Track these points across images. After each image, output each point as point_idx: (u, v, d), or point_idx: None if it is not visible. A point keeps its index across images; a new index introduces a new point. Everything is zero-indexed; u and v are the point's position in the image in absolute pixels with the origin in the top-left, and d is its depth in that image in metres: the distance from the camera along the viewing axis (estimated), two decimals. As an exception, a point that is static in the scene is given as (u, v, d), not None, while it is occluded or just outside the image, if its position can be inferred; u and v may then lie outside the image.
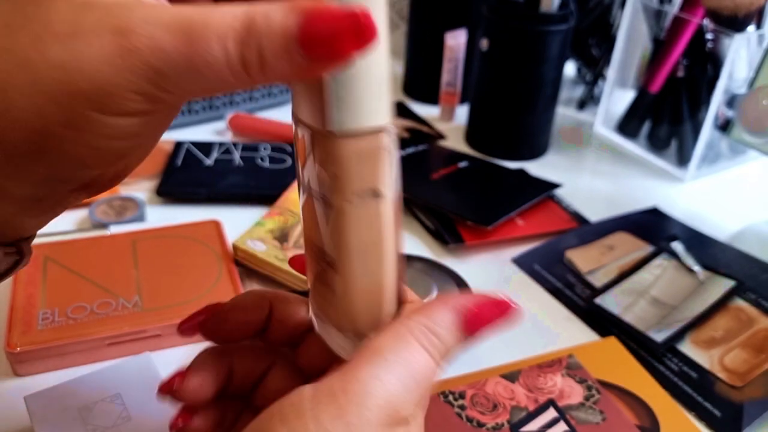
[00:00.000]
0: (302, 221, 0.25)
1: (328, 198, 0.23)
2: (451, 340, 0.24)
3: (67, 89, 0.18)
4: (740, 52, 0.58)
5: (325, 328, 0.26)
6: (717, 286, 0.49)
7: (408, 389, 0.22)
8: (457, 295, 0.25)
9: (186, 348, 0.42)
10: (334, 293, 0.24)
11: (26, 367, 0.39)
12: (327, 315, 0.26)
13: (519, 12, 0.61)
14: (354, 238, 0.23)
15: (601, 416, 0.36)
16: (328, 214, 0.23)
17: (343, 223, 0.23)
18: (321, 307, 0.26)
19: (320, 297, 0.26)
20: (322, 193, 0.23)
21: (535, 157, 0.67)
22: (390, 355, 0.22)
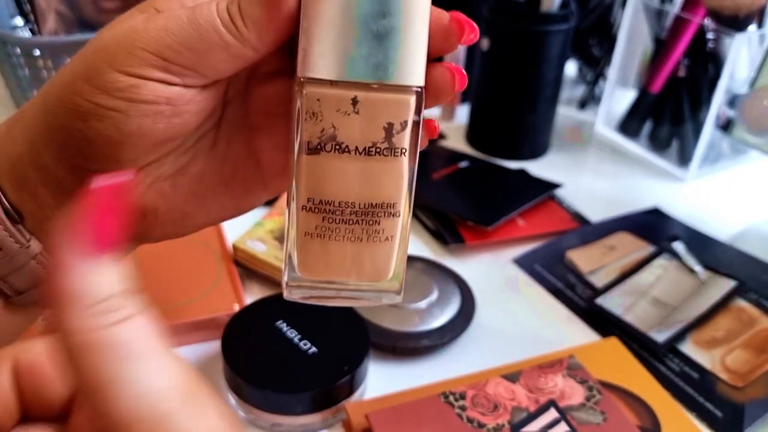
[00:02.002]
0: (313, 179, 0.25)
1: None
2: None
3: (95, 49, 0.24)
4: (741, 51, 0.58)
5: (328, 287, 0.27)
6: (718, 286, 0.49)
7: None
8: None
9: (185, 349, 0.42)
10: (381, 242, 0.26)
11: (26, 367, 0.39)
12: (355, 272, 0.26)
13: (520, 12, 0.60)
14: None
15: (602, 417, 0.36)
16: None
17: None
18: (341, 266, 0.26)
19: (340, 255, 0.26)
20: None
21: (536, 157, 0.67)
22: None
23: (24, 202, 0.26)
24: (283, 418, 0.36)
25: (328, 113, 0.24)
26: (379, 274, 0.26)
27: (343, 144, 0.24)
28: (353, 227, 0.25)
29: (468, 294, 0.46)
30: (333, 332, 0.39)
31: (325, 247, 0.25)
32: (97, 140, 0.24)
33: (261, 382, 0.35)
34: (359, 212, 0.25)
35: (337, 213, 0.25)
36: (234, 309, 0.42)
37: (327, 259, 0.26)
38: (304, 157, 0.24)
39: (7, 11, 0.61)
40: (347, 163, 0.24)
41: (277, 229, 0.49)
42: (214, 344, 0.42)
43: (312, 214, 0.25)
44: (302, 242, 0.25)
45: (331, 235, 0.25)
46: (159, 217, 0.27)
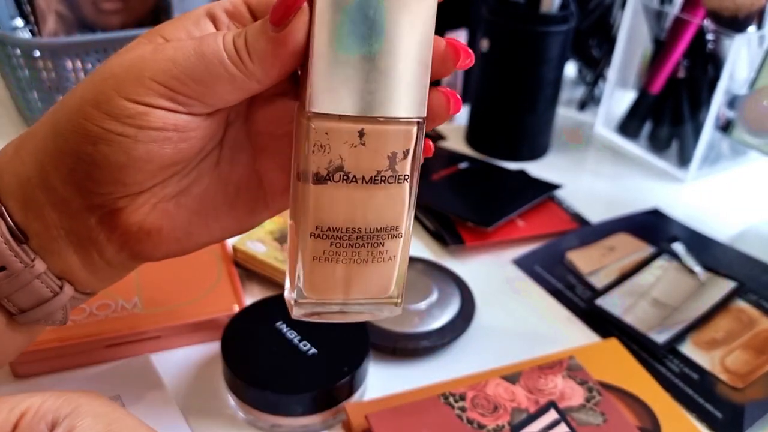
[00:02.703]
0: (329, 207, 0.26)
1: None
2: (254, 27, 0.25)
3: (105, 76, 0.24)
4: (741, 52, 0.58)
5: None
6: (718, 287, 0.49)
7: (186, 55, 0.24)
8: None
9: (185, 349, 0.42)
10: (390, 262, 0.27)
11: (25, 368, 0.39)
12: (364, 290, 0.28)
13: (519, 13, 0.61)
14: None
15: (602, 418, 0.36)
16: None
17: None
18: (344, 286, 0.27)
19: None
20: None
21: (536, 158, 0.67)
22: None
23: (30, 223, 0.26)
24: (282, 419, 0.36)
25: (335, 145, 0.25)
26: (382, 291, 0.28)
27: (350, 174, 0.25)
28: (359, 250, 0.27)
29: (468, 295, 0.46)
30: (333, 333, 0.39)
31: (333, 269, 0.27)
32: (106, 164, 0.25)
33: (261, 383, 0.35)
34: (365, 236, 0.26)
35: (344, 238, 0.26)
36: (234, 310, 0.42)
37: (334, 281, 0.27)
38: (312, 186, 0.25)
39: (7, 12, 0.61)
40: (353, 192, 0.25)
41: (276, 229, 0.49)
42: (214, 345, 0.42)
43: (320, 240, 0.26)
44: (310, 266, 0.27)
45: (338, 258, 0.26)
46: (163, 236, 0.28)
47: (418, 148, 0.26)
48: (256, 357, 0.37)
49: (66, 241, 0.27)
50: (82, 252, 0.27)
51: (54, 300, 0.27)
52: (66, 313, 0.29)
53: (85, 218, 0.26)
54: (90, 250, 0.27)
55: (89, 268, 0.28)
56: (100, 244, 0.27)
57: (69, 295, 0.28)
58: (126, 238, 0.27)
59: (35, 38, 0.60)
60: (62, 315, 0.29)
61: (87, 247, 0.27)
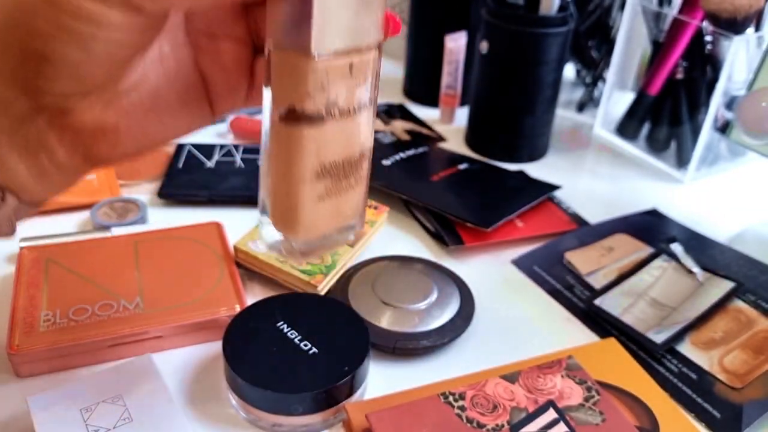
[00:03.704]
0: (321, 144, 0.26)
1: None
2: None
3: None
4: (739, 54, 0.59)
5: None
6: (716, 287, 0.49)
7: None
8: None
9: (187, 349, 0.42)
10: None
11: (28, 368, 0.39)
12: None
13: (518, 14, 0.61)
14: None
15: (600, 417, 0.37)
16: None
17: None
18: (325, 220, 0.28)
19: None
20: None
21: (535, 159, 0.68)
22: None
23: None
24: (283, 419, 0.36)
25: (333, 83, 0.25)
26: (356, 213, 0.29)
27: (345, 108, 0.26)
28: (350, 179, 0.28)
29: (467, 295, 0.46)
30: (333, 333, 0.39)
31: (331, 204, 0.27)
32: (59, 62, 0.23)
33: (262, 383, 0.36)
34: (354, 164, 0.27)
35: (341, 171, 0.27)
36: (235, 310, 0.42)
37: (330, 215, 0.28)
38: (312, 129, 0.25)
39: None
40: (346, 125, 0.26)
41: (277, 230, 0.49)
42: (215, 345, 0.42)
43: (322, 179, 0.26)
44: (312, 208, 0.27)
45: (337, 192, 0.27)
46: (120, 134, 0.27)
47: (378, 68, 0.27)
48: (257, 356, 0.37)
49: (8, 147, 0.24)
50: (28, 158, 0.25)
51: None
52: (12, 224, 0.27)
53: (33, 119, 0.24)
54: (38, 154, 0.25)
55: (37, 175, 0.26)
56: (50, 148, 0.25)
57: (12, 206, 0.26)
58: (80, 139, 0.25)
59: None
60: (8, 227, 0.27)
61: (35, 152, 0.25)
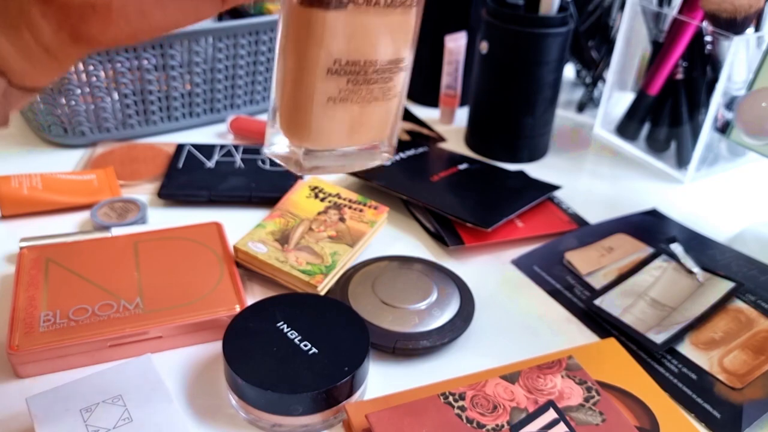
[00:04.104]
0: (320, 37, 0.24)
1: None
2: None
3: None
4: (739, 54, 0.59)
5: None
6: (716, 287, 0.49)
7: None
8: None
9: (187, 349, 0.42)
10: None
11: (28, 368, 0.39)
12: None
13: (518, 15, 0.61)
14: None
15: (600, 417, 0.37)
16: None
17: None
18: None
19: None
20: None
21: (535, 159, 0.68)
22: None
23: None
24: (283, 419, 0.36)
25: None
26: (382, 132, 0.26)
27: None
28: (373, 87, 0.24)
29: (467, 295, 0.46)
30: (333, 333, 0.39)
31: (346, 111, 0.24)
32: None
33: (262, 383, 0.36)
34: (380, 70, 0.24)
35: (361, 74, 0.24)
36: (235, 310, 0.42)
37: (345, 125, 0.25)
38: (330, 13, 0.23)
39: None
40: (372, 19, 0.23)
41: (278, 230, 0.49)
42: (216, 345, 0.42)
43: (337, 77, 0.24)
44: (324, 110, 0.24)
45: (354, 97, 0.24)
46: (113, 11, 0.24)
47: None
48: (257, 357, 0.37)
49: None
50: (11, 33, 0.23)
51: None
52: (5, 110, 0.25)
53: None
54: (21, 29, 0.23)
55: (23, 54, 0.24)
56: (33, 21, 0.23)
57: (1, 88, 0.24)
58: (67, 12, 0.23)
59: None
60: (0, 111, 0.25)
61: (17, 26, 0.23)
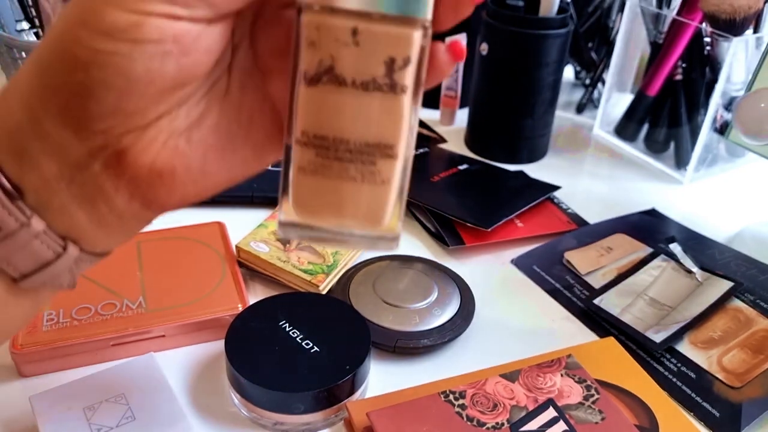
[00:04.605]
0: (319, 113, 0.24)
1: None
2: None
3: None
4: (738, 55, 0.59)
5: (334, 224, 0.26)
6: (715, 287, 0.49)
7: None
8: None
9: (189, 348, 0.42)
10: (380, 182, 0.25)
11: (31, 367, 0.39)
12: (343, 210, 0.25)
13: (518, 16, 0.61)
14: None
15: (600, 416, 0.37)
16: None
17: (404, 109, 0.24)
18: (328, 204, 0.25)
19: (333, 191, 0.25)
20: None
21: (535, 159, 0.68)
22: None
23: (25, 176, 0.23)
24: (285, 417, 0.37)
25: (326, 42, 0.22)
26: (374, 218, 0.25)
27: (341, 76, 0.23)
28: (348, 166, 0.24)
29: (467, 294, 0.47)
30: (335, 332, 0.39)
31: (319, 184, 0.24)
32: (102, 91, 0.22)
33: (264, 382, 0.36)
34: (354, 150, 0.24)
35: (330, 149, 0.24)
36: (237, 309, 0.43)
37: (321, 198, 0.25)
38: (302, 88, 0.23)
39: (12, 15, 0.61)
40: (344, 97, 0.23)
41: (278, 230, 0.50)
42: (218, 344, 0.43)
43: (306, 148, 0.24)
44: (297, 178, 0.24)
45: (324, 172, 0.24)
46: (177, 177, 0.25)
47: (423, 56, 0.23)
48: (259, 356, 0.37)
49: (68, 193, 0.24)
50: (88, 205, 0.24)
51: (57, 262, 0.25)
52: (74, 276, 0.26)
53: (88, 165, 0.23)
54: (97, 202, 0.24)
55: (98, 224, 0.25)
56: (107, 194, 0.24)
57: (74, 256, 0.25)
58: (136, 184, 0.24)
59: (41, 41, 0.61)
60: (69, 278, 0.26)
61: (93, 199, 0.24)
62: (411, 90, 0.23)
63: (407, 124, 0.24)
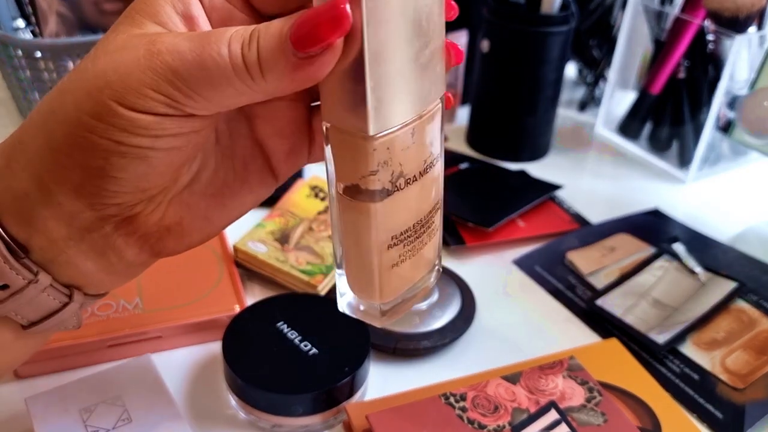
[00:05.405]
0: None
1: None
2: (269, 40, 0.22)
3: (99, 84, 0.22)
4: (741, 53, 0.58)
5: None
6: (718, 287, 0.49)
7: (183, 42, 0.22)
8: None
9: (187, 350, 0.42)
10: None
11: (27, 369, 0.39)
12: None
13: (520, 14, 0.61)
14: None
15: (602, 418, 0.36)
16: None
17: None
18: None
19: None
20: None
21: (536, 158, 0.67)
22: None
23: (31, 237, 0.24)
24: (283, 419, 0.36)
25: (395, 156, 0.24)
26: (433, 261, 0.29)
27: (409, 176, 0.25)
28: (422, 237, 0.27)
29: (468, 295, 0.46)
30: (333, 333, 0.39)
31: (407, 266, 0.27)
32: (122, 174, 0.23)
33: (262, 384, 0.35)
34: (424, 223, 0.27)
35: (413, 235, 0.26)
36: (235, 310, 0.42)
37: (408, 275, 0.27)
38: (378, 205, 0.25)
39: (8, 13, 0.61)
40: (413, 190, 0.25)
41: (277, 230, 0.49)
42: (215, 345, 0.42)
43: (395, 248, 0.26)
44: (388, 275, 0.26)
45: (411, 255, 0.27)
46: (184, 228, 0.27)
47: (444, 121, 0.26)
48: (257, 357, 0.37)
49: (76, 250, 0.25)
50: (97, 259, 0.26)
51: (64, 310, 0.26)
52: (79, 318, 0.28)
53: (99, 228, 0.25)
54: (107, 255, 0.26)
55: (105, 272, 0.26)
56: (118, 249, 0.26)
57: (79, 302, 0.27)
58: (146, 239, 0.26)
59: (37, 39, 0.60)
60: (75, 321, 0.28)
61: (103, 253, 0.26)
62: (442, 151, 0.26)
63: (442, 178, 0.27)
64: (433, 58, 0.24)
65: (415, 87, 0.23)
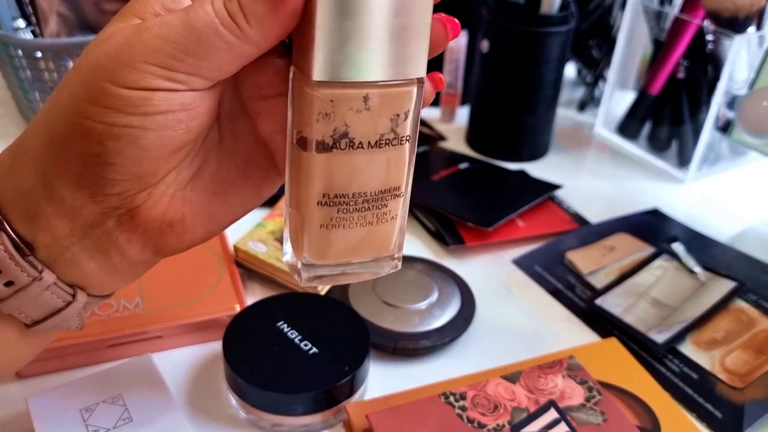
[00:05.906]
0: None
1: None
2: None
3: (93, 70, 0.23)
4: (741, 53, 0.59)
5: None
6: (718, 287, 0.49)
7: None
8: None
9: (187, 349, 0.42)
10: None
11: (28, 368, 0.39)
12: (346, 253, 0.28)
13: (519, 14, 0.61)
14: None
15: (602, 417, 0.36)
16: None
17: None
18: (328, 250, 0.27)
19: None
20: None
21: (536, 158, 0.67)
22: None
23: (36, 235, 0.25)
24: (284, 419, 0.36)
25: (340, 112, 0.24)
26: (385, 249, 0.28)
27: (355, 140, 0.25)
28: (365, 214, 0.27)
29: (468, 295, 0.46)
30: (334, 333, 0.39)
31: (340, 235, 0.27)
32: (118, 159, 0.23)
33: (262, 383, 0.35)
34: (370, 200, 0.27)
35: (350, 204, 0.26)
36: (235, 310, 0.42)
37: (341, 246, 0.27)
38: (316, 155, 0.25)
39: (9, 13, 0.61)
40: (359, 157, 0.25)
41: (278, 230, 0.49)
42: (216, 345, 0.42)
43: (327, 207, 0.26)
44: (317, 234, 0.27)
45: (345, 224, 0.27)
46: (187, 225, 0.27)
47: (417, 107, 0.26)
48: (257, 357, 0.37)
49: (80, 248, 0.25)
50: (100, 256, 0.26)
51: (67, 309, 0.27)
52: (82, 318, 0.28)
53: (101, 224, 0.25)
54: (110, 253, 0.26)
55: (108, 271, 0.27)
56: (120, 246, 0.26)
57: (83, 302, 0.27)
58: (148, 235, 0.26)
59: (37, 39, 0.60)
60: (78, 321, 0.28)
61: (106, 251, 0.26)
62: (411, 136, 0.26)
63: (409, 166, 0.27)
64: (405, 31, 0.24)
65: (375, 52, 0.24)
